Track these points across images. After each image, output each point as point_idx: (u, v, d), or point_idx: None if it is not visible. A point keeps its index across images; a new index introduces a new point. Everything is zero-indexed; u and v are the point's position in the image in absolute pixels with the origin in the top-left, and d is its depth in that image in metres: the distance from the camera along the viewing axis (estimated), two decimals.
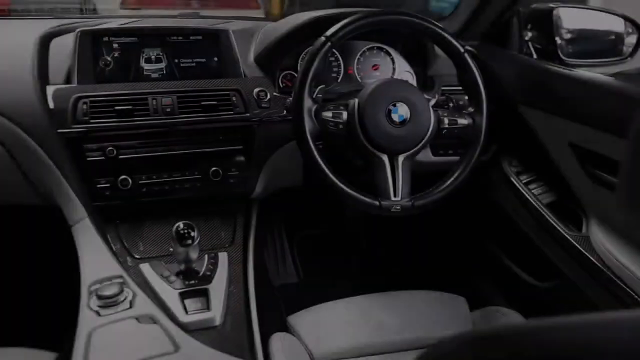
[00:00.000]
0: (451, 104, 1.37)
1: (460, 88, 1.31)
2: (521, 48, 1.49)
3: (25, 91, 1.21)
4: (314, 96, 1.20)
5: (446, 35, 1.21)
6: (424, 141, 1.20)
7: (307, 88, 1.16)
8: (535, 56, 1.47)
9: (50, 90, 1.24)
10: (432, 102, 1.37)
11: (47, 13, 1.69)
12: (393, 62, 1.54)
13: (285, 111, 1.35)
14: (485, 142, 1.24)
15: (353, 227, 2.16)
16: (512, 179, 1.51)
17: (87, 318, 0.98)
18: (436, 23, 1.21)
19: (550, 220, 1.38)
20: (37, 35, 1.31)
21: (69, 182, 1.23)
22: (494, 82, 1.47)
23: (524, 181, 1.49)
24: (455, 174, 1.23)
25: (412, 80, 1.54)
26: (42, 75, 1.25)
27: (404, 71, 1.54)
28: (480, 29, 1.57)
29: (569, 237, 1.31)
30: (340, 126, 1.18)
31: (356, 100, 1.20)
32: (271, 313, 1.56)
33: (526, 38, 1.49)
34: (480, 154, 1.24)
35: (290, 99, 1.26)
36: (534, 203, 1.43)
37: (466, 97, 1.30)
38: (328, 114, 1.17)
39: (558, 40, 1.43)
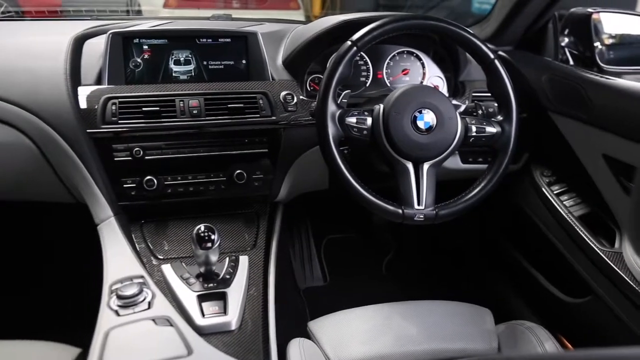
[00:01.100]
0: (480, 111, 1.33)
1: None
2: (557, 54, 1.44)
3: (58, 92, 1.23)
4: (338, 101, 1.18)
5: (476, 41, 1.18)
6: (450, 149, 1.17)
7: (331, 93, 1.15)
8: (571, 62, 1.42)
9: (81, 90, 1.26)
10: (462, 108, 1.34)
11: (85, 14, 1.72)
12: (423, 67, 1.52)
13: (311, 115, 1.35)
14: (514, 152, 1.20)
15: (380, 232, 2.14)
16: (543, 189, 1.46)
17: (106, 317, 0.99)
18: (465, 28, 1.18)
19: (582, 234, 1.33)
20: (71, 36, 1.34)
21: (96, 182, 1.26)
22: (527, 89, 1.43)
23: (555, 192, 1.45)
24: (482, 184, 1.20)
25: (443, 85, 1.52)
26: (74, 76, 1.27)
27: (435, 76, 1.52)
28: (515, 34, 1.52)
29: (600, 253, 1.26)
30: (365, 132, 1.16)
31: (381, 106, 1.18)
32: (293, 317, 1.56)
33: (562, 44, 1.44)
34: (510, 163, 1.20)
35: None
36: (564, 215, 1.39)
37: (496, 105, 1.26)
38: (352, 120, 1.16)
39: (598, 46, 1.38)
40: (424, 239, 2.10)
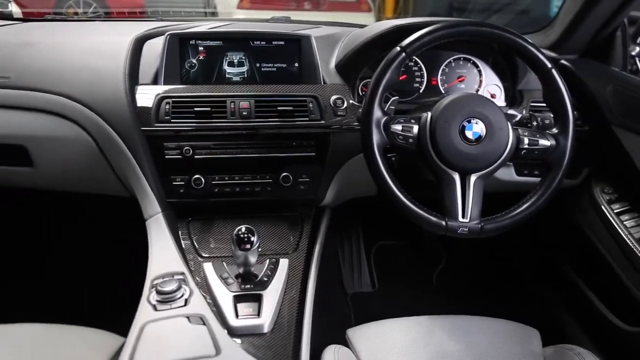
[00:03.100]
0: (535, 123, 1.27)
1: None
2: (625, 64, 1.35)
3: (116, 90, 1.29)
4: (385, 108, 1.16)
5: (531, 48, 1.12)
6: (499, 161, 1.12)
7: (377, 99, 1.12)
8: None
9: (138, 90, 1.31)
10: (517, 118, 1.29)
11: (151, 15, 1.79)
12: (480, 75, 1.47)
13: None
14: (569, 167, 1.13)
15: (432, 242, 2.09)
16: (603, 207, 1.38)
17: (144, 311, 1.02)
18: (521, 35, 1.12)
19: None
20: (132, 37, 1.39)
21: (147, 178, 1.30)
22: (589, 101, 1.35)
23: (615, 210, 1.36)
24: (532, 200, 1.14)
25: (500, 94, 1.46)
26: (132, 76, 1.32)
27: (492, 84, 1.47)
28: (580, 41, 1.44)
29: None
30: (410, 140, 1.13)
31: (429, 114, 1.14)
32: (336, 322, 1.55)
33: (633, 53, 1.36)
34: (563, 179, 1.14)
35: None
36: (624, 236, 1.31)
37: (552, 116, 1.20)
38: (397, 127, 1.13)
39: None
40: (476, 252, 2.03)
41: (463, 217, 1.12)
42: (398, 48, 1.13)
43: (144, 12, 2.11)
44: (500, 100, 1.46)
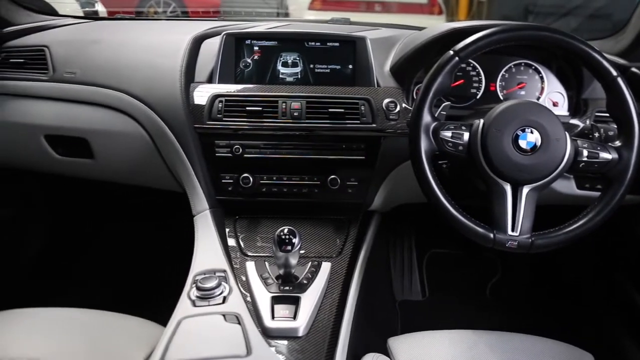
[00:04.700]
0: (597, 134, 1.19)
1: None
2: None
3: (172, 87, 1.32)
4: (436, 113, 1.12)
5: (595, 55, 1.05)
6: (554, 174, 1.06)
7: (427, 104, 1.09)
8: None
9: (193, 88, 1.34)
10: (579, 128, 1.22)
11: (212, 15, 1.83)
12: (542, 81, 1.40)
13: None
14: (631, 182, 1.05)
15: (488, 252, 2.02)
16: None
17: (183, 305, 1.04)
18: (583, 40, 1.06)
19: None
20: (191, 36, 1.43)
21: (197, 174, 1.33)
22: None
23: None
24: (589, 216, 1.07)
25: (563, 102, 1.39)
26: (188, 74, 1.35)
27: (554, 92, 1.39)
28: None
29: None
30: (460, 148, 1.09)
31: (481, 121, 1.10)
32: (381, 329, 1.52)
33: None
34: (625, 195, 1.06)
35: None
36: None
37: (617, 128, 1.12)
38: (447, 134, 1.09)
39: None
40: (534, 265, 1.94)
41: (513, 230, 1.06)
42: (451, 52, 1.09)
43: (218, 12, 2.16)
44: (562, 109, 1.39)
